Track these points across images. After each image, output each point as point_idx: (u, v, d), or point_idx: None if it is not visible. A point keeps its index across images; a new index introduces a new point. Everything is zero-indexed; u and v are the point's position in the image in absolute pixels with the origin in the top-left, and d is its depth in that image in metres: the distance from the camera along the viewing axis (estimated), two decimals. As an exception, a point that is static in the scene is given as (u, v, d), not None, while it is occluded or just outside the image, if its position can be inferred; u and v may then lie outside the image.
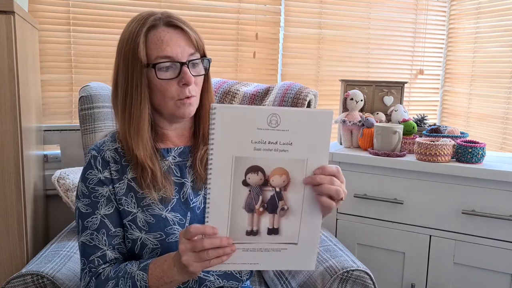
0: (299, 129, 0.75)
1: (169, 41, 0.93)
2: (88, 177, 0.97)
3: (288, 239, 0.80)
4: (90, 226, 0.95)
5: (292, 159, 0.76)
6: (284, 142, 0.75)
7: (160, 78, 0.93)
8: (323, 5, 2.28)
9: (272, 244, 0.80)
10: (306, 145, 0.76)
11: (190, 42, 0.95)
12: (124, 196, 0.96)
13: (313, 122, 0.75)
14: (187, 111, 0.96)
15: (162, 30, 0.94)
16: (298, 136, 0.75)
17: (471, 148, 1.52)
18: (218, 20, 2.12)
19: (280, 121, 0.74)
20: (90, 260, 0.95)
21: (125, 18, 1.97)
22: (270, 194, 0.78)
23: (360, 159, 1.65)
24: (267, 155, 0.75)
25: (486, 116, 2.24)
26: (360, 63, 2.40)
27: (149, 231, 0.94)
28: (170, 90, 0.94)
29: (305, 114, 0.76)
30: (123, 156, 0.98)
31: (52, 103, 1.93)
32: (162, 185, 0.95)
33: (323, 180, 0.77)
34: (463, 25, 2.41)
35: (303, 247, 0.81)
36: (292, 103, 1.75)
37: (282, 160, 0.76)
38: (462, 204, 1.52)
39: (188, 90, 0.93)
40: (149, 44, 0.93)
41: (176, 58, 0.93)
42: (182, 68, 0.93)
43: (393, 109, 1.86)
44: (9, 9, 1.24)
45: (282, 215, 0.79)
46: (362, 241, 1.69)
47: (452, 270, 1.56)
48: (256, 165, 0.76)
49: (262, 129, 0.74)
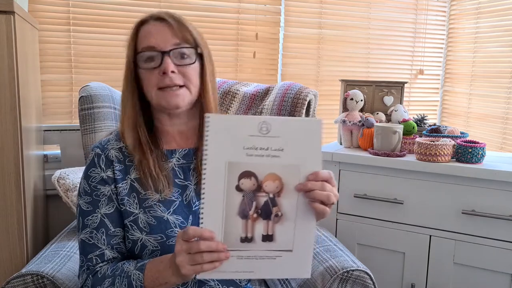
0: (289, 136, 0.77)
1: (154, 32, 0.95)
2: (90, 175, 0.98)
3: (283, 246, 0.80)
4: (90, 225, 0.96)
5: (284, 165, 0.77)
6: (275, 148, 0.77)
7: (141, 67, 0.96)
8: (323, 5, 2.28)
9: (267, 252, 0.80)
10: (298, 151, 0.78)
11: (175, 33, 0.96)
12: (126, 196, 0.96)
13: (302, 130, 0.77)
14: (172, 102, 0.95)
15: (150, 24, 0.97)
16: (289, 143, 0.77)
17: (471, 148, 1.52)
18: (218, 20, 2.12)
19: (271, 128, 0.76)
20: (88, 258, 0.95)
21: (125, 18, 1.97)
22: (264, 200, 0.78)
23: (360, 159, 1.65)
24: (259, 160, 0.77)
25: (486, 116, 2.24)
26: (360, 63, 2.40)
27: (150, 232, 0.94)
28: (151, 79, 0.95)
29: (294, 122, 0.78)
30: (127, 156, 0.99)
31: (52, 103, 1.93)
32: (158, 177, 0.95)
33: (314, 186, 0.79)
34: (463, 25, 2.41)
35: (298, 254, 0.81)
36: (292, 103, 1.75)
37: (274, 166, 0.77)
38: (462, 204, 1.52)
39: (169, 78, 0.94)
40: (139, 38, 0.97)
41: (158, 47, 0.94)
42: (163, 57, 0.94)
43: (393, 109, 1.86)
44: (9, 9, 1.24)
45: (276, 222, 0.79)
46: (362, 241, 1.69)
47: (452, 270, 1.56)
48: (248, 170, 0.77)
49: (254, 136, 0.76)
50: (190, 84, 0.97)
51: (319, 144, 0.79)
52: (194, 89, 0.98)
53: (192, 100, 0.99)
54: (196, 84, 0.99)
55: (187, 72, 0.97)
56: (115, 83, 1.90)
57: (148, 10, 1.99)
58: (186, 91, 0.97)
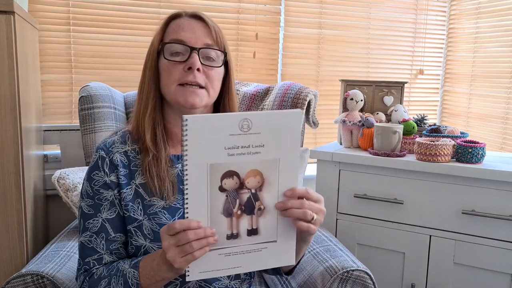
0: (270, 130, 0.77)
1: (186, 27, 0.94)
2: (94, 178, 0.96)
3: (267, 237, 0.82)
4: (91, 228, 0.95)
5: (265, 160, 0.78)
6: (256, 145, 0.77)
7: (166, 58, 0.94)
8: (323, 5, 2.28)
9: (252, 245, 0.81)
10: (277, 145, 0.78)
11: (209, 33, 0.95)
12: (131, 202, 0.95)
13: (283, 123, 0.77)
14: (190, 99, 0.93)
15: (183, 19, 0.96)
16: (269, 138, 0.77)
17: (471, 148, 1.52)
18: (218, 20, 2.09)
19: (252, 125, 0.76)
20: (85, 262, 0.95)
21: (125, 18, 1.97)
22: (247, 196, 0.79)
23: (360, 159, 1.65)
24: (240, 159, 0.77)
25: (486, 116, 2.24)
26: (360, 63, 2.40)
27: (154, 240, 0.93)
28: (175, 72, 0.93)
29: (276, 115, 0.78)
30: (132, 160, 0.97)
31: (52, 103, 1.93)
32: (164, 182, 0.94)
33: (293, 205, 0.80)
34: (463, 25, 2.41)
35: (282, 243, 0.83)
36: (292, 103, 1.75)
37: (255, 162, 0.78)
38: (462, 204, 1.52)
39: (193, 75, 0.92)
40: (168, 30, 0.96)
41: (189, 43, 0.93)
42: (191, 53, 0.93)
43: (393, 109, 1.86)
44: (9, 9, 1.24)
45: (259, 215, 0.80)
46: (362, 241, 1.69)
47: (452, 270, 1.56)
48: (230, 170, 0.77)
49: (234, 135, 0.75)
50: (210, 87, 0.96)
51: (298, 136, 0.80)
52: (213, 93, 0.97)
53: (208, 103, 0.98)
54: (216, 88, 0.98)
55: (211, 74, 0.95)
56: (115, 83, 1.90)
57: (148, 10, 1.99)
58: (205, 93, 0.96)
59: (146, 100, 0.97)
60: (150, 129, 0.96)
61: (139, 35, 1.99)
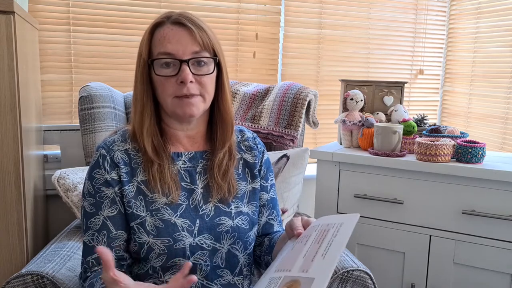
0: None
1: (171, 38, 0.93)
2: (95, 176, 0.97)
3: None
4: (93, 227, 0.96)
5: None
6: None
7: (158, 74, 0.94)
8: (323, 5, 2.28)
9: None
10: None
11: (195, 40, 0.93)
12: (133, 199, 0.95)
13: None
14: (188, 111, 0.94)
15: (167, 27, 0.95)
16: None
17: (471, 148, 1.52)
18: (218, 20, 2.12)
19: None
20: (86, 261, 0.96)
21: (125, 18, 1.97)
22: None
23: (360, 159, 1.65)
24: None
25: (486, 116, 2.24)
26: (360, 63, 2.40)
27: (158, 236, 0.94)
28: (168, 87, 0.94)
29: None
30: (133, 158, 0.98)
31: (52, 103, 1.93)
32: (168, 185, 0.95)
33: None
34: (463, 25, 2.41)
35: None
36: (292, 103, 1.75)
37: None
38: (462, 204, 1.52)
39: (186, 88, 0.93)
40: (154, 41, 0.96)
41: (177, 55, 0.93)
42: (181, 65, 0.92)
43: (393, 109, 1.86)
44: (9, 9, 1.24)
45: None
46: (362, 241, 1.69)
47: (452, 270, 1.56)
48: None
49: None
50: (205, 93, 0.96)
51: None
52: (208, 98, 0.98)
53: (206, 108, 0.99)
54: (211, 93, 0.98)
55: (204, 81, 0.95)
56: (115, 83, 1.90)
57: (148, 10, 1.99)
58: (201, 100, 0.96)
59: (140, 115, 0.97)
60: (150, 141, 0.97)
61: (139, 35, 1.95)
